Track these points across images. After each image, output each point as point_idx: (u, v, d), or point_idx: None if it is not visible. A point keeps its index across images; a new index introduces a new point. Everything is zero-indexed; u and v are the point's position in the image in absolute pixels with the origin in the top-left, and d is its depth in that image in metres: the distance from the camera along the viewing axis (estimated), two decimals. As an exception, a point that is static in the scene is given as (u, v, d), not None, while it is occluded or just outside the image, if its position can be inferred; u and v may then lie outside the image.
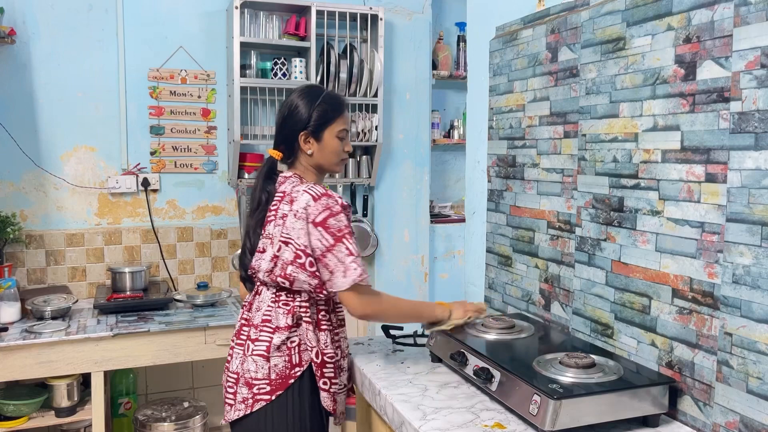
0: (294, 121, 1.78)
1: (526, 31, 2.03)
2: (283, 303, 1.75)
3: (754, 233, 1.29)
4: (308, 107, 1.77)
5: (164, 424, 2.89)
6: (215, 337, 2.76)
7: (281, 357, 1.72)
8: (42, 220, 3.10)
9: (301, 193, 1.70)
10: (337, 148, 1.81)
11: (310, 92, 1.81)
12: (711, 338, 1.39)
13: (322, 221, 1.67)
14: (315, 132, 1.77)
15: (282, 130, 1.81)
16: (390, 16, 3.61)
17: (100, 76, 3.15)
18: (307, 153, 1.79)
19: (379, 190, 3.71)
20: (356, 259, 1.67)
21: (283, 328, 1.73)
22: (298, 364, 1.73)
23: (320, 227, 1.67)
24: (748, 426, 1.31)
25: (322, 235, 1.66)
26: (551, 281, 1.93)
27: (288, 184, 1.77)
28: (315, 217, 1.67)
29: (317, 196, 1.68)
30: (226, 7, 3.32)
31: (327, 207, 1.68)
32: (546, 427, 1.32)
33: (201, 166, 3.35)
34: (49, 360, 2.54)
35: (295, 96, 1.81)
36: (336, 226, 1.67)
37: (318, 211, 1.67)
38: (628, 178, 1.62)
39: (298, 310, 1.74)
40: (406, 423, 1.50)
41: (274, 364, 1.72)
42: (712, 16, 1.38)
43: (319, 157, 1.80)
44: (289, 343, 1.73)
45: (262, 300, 1.79)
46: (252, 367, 1.73)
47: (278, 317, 1.74)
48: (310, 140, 1.78)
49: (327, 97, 1.81)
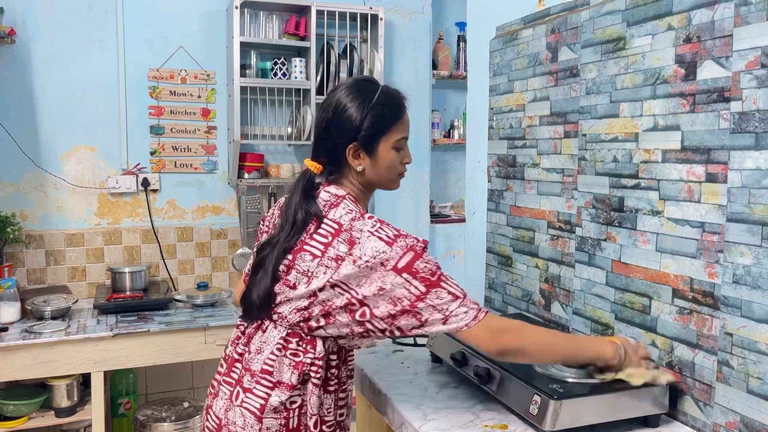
0: (341, 128, 1.42)
1: (526, 31, 2.03)
2: (291, 353, 1.39)
3: (754, 233, 1.29)
4: (360, 110, 1.41)
5: (164, 424, 2.89)
6: (215, 337, 2.76)
7: (277, 420, 1.38)
8: (42, 220, 3.10)
9: (366, 236, 1.33)
10: (394, 162, 1.46)
11: (362, 89, 1.44)
12: (711, 338, 1.39)
13: (407, 266, 1.30)
14: (367, 144, 1.42)
15: (324, 139, 1.45)
16: (390, 16, 3.61)
17: (100, 76, 3.15)
18: (356, 170, 1.44)
19: (379, 189, 3.70)
20: (464, 301, 1.32)
21: (285, 386, 1.38)
22: (295, 429, 1.40)
23: (405, 273, 1.30)
24: (748, 426, 1.31)
25: (410, 282, 1.30)
26: (551, 281, 1.93)
27: (342, 212, 1.39)
28: (397, 263, 1.30)
29: (391, 240, 1.32)
30: (226, 7, 3.32)
31: (410, 248, 1.32)
32: (546, 427, 1.32)
33: (201, 166, 3.35)
34: (49, 360, 2.54)
35: (343, 93, 1.44)
36: (427, 269, 1.31)
37: (398, 256, 1.31)
38: (628, 178, 1.62)
39: (308, 368, 1.39)
40: (406, 423, 1.49)
41: (266, 426, 1.38)
42: (712, 15, 1.38)
43: (371, 174, 1.46)
44: (289, 404, 1.39)
45: (266, 341, 1.42)
46: (239, 422, 1.39)
47: (282, 370, 1.39)
48: (361, 154, 1.43)
49: (383, 97, 1.44)
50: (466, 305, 1.32)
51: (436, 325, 1.32)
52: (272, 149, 3.48)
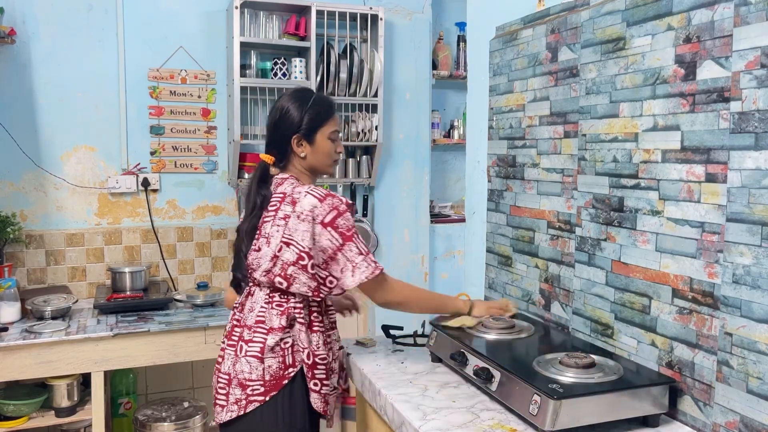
0: (286, 124, 1.79)
1: (526, 31, 2.03)
2: (276, 304, 1.75)
3: (754, 233, 1.29)
4: (300, 110, 1.79)
5: (164, 424, 2.89)
6: (215, 337, 2.76)
7: (275, 358, 1.72)
8: (42, 220, 3.10)
9: (303, 195, 1.71)
10: (329, 149, 1.83)
11: (300, 95, 1.83)
12: (711, 338, 1.39)
13: (332, 221, 1.68)
14: (307, 135, 1.79)
15: (274, 134, 1.82)
16: (390, 16, 3.61)
17: (100, 76, 3.15)
18: (300, 156, 1.80)
19: (379, 190, 3.71)
20: (366, 258, 1.69)
21: (277, 329, 1.73)
22: (291, 365, 1.73)
23: (330, 227, 1.68)
24: (748, 426, 1.31)
25: (332, 234, 1.68)
26: (551, 281, 1.93)
27: (287, 185, 1.77)
28: (323, 218, 1.68)
29: (322, 197, 1.70)
30: (226, 7, 3.32)
31: (334, 207, 1.70)
32: (546, 427, 1.32)
33: (201, 166, 3.35)
34: (49, 360, 2.54)
35: (284, 100, 1.82)
36: (345, 226, 1.69)
37: (326, 212, 1.69)
38: (628, 178, 1.62)
39: (293, 311, 1.74)
40: (406, 423, 1.50)
41: (268, 365, 1.72)
42: (712, 16, 1.38)
43: (312, 160, 1.82)
44: (283, 344, 1.73)
45: (255, 301, 1.78)
46: (246, 368, 1.73)
47: (272, 318, 1.74)
48: (303, 143, 1.80)
49: (318, 99, 1.83)
50: (367, 261, 1.69)
51: (347, 273, 1.69)
52: (272, 149, 3.48)
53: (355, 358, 1.92)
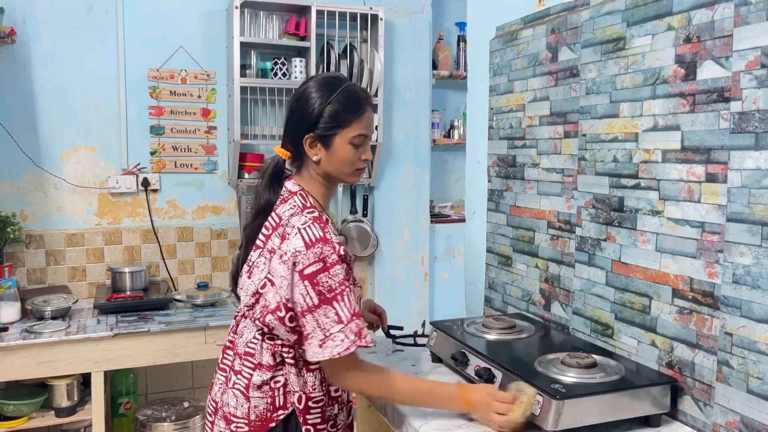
0: (301, 118, 1.46)
1: (526, 31, 2.03)
2: (268, 337, 1.48)
3: (754, 233, 1.29)
4: (320, 103, 1.44)
5: (164, 424, 2.89)
6: (215, 337, 2.76)
7: (262, 398, 1.47)
8: (42, 220, 3.10)
9: (294, 233, 1.40)
10: (349, 156, 1.47)
11: (327, 83, 1.47)
12: (711, 338, 1.39)
13: (311, 275, 1.36)
14: (324, 136, 1.45)
15: (290, 127, 1.50)
16: (390, 16, 3.61)
17: (100, 76, 3.15)
18: (312, 159, 1.48)
19: (379, 190, 3.71)
20: (345, 328, 1.36)
21: (266, 367, 1.48)
22: (282, 406, 1.47)
23: (307, 281, 1.36)
24: (748, 426, 1.31)
25: (307, 291, 1.36)
26: (551, 281, 1.93)
27: (287, 208, 1.48)
28: (304, 268, 1.37)
29: (311, 242, 1.37)
30: (226, 7, 3.32)
31: (320, 258, 1.36)
32: (549, 427, 1.32)
33: (201, 166, 3.35)
34: (49, 360, 2.54)
35: (310, 84, 1.48)
36: (326, 284, 1.36)
37: (308, 262, 1.36)
38: (628, 178, 1.62)
39: (281, 350, 1.48)
40: (406, 423, 1.50)
41: (254, 404, 1.48)
42: (712, 15, 1.38)
43: (327, 166, 1.48)
44: (273, 384, 1.48)
45: (246, 326, 1.53)
46: (232, 402, 1.50)
47: (262, 353, 1.48)
48: (317, 145, 1.47)
49: (345, 92, 1.46)
50: (345, 333, 1.36)
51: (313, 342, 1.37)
52: (272, 149, 3.47)
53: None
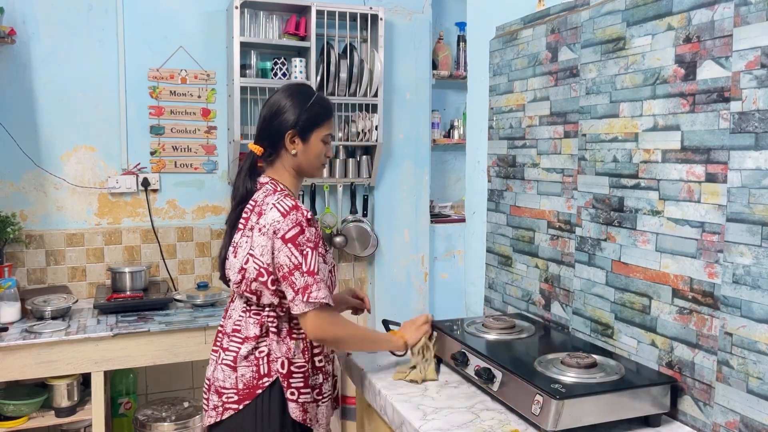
0: (283, 118, 1.74)
1: (526, 31, 2.03)
2: (253, 312, 1.73)
3: (754, 233, 1.29)
4: (300, 106, 1.75)
5: (164, 424, 2.89)
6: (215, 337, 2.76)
7: (248, 367, 1.70)
8: (42, 220, 3.10)
9: (269, 208, 1.66)
10: (320, 151, 1.79)
11: (301, 91, 1.79)
12: (711, 338, 1.39)
13: (293, 237, 1.63)
14: (303, 132, 1.75)
15: (268, 127, 1.77)
16: (390, 16, 3.61)
17: (100, 76, 3.15)
18: (291, 153, 1.76)
19: (379, 190, 3.71)
20: (319, 282, 1.62)
21: (251, 338, 1.71)
22: (266, 374, 1.69)
23: (290, 244, 1.62)
24: (748, 426, 1.31)
25: (291, 252, 1.62)
26: (551, 281, 1.93)
27: (261, 193, 1.74)
28: (285, 233, 1.63)
29: (286, 212, 1.64)
30: (226, 7, 3.32)
31: (297, 223, 1.64)
32: (548, 427, 1.33)
33: (201, 166, 3.35)
34: (49, 360, 2.54)
35: (284, 94, 1.78)
36: (305, 244, 1.63)
37: (288, 227, 1.63)
38: (628, 178, 1.62)
39: (266, 320, 1.71)
40: (406, 423, 1.50)
41: (241, 374, 1.70)
42: (712, 15, 1.38)
43: (302, 159, 1.77)
44: (257, 353, 1.70)
45: (234, 308, 1.78)
46: (220, 376, 1.73)
47: (248, 327, 1.72)
48: (296, 140, 1.75)
49: (319, 98, 1.80)
50: (318, 285, 1.62)
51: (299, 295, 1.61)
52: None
53: (355, 358, 1.92)
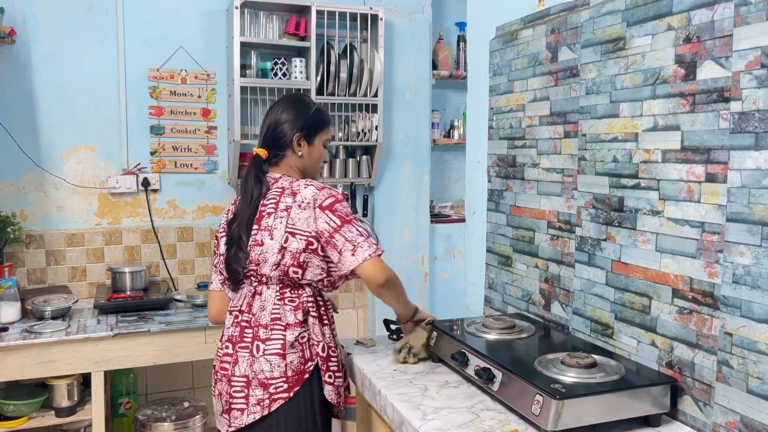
0: (291, 123, 1.87)
1: (526, 31, 2.03)
2: (288, 300, 1.79)
3: (754, 233, 1.29)
4: (305, 112, 1.90)
5: (164, 424, 2.89)
6: (215, 337, 2.76)
7: (296, 353, 1.76)
8: (42, 220, 3.10)
9: (303, 186, 1.79)
10: (322, 154, 1.96)
11: (304, 100, 1.96)
12: (711, 338, 1.39)
13: (329, 205, 1.76)
14: (309, 135, 1.90)
15: (274, 131, 1.89)
16: (390, 16, 3.61)
17: (100, 76, 3.15)
18: (297, 154, 1.89)
19: (379, 190, 3.71)
20: (368, 239, 1.76)
21: (294, 325, 1.76)
22: (310, 358, 1.78)
23: (327, 210, 1.75)
24: (748, 426, 1.31)
25: (329, 217, 1.74)
26: (551, 281, 1.93)
27: (284, 181, 1.84)
28: (322, 202, 1.76)
29: (321, 187, 1.80)
30: (226, 7, 3.32)
31: (332, 195, 1.79)
32: (548, 427, 1.32)
33: (201, 166, 3.35)
34: (49, 360, 2.54)
35: (288, 102, 1.92)
36: (343, 210, 1.77)
37: (324, 197, 1.77)
38: (628, 178, 1.62)
39: (306, 305, 1.79)
40: (406, 423, 1.50)
41: (290, 360, 1.75)
42: (712, 15, 1.38)
43: (307, 160, 1.91)
44: (301, 339, 1.77)
45: (266, 299, 1.80)
46: (266, 367, 1.74)
47: (287, 314, 1.77)
48: (302, 142, 1.89)
49: (320, 107, 1.97)
50: (368, 242, 1.75)
51: (347, 254, 1.72)
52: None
53: (355, 357, 1.92)
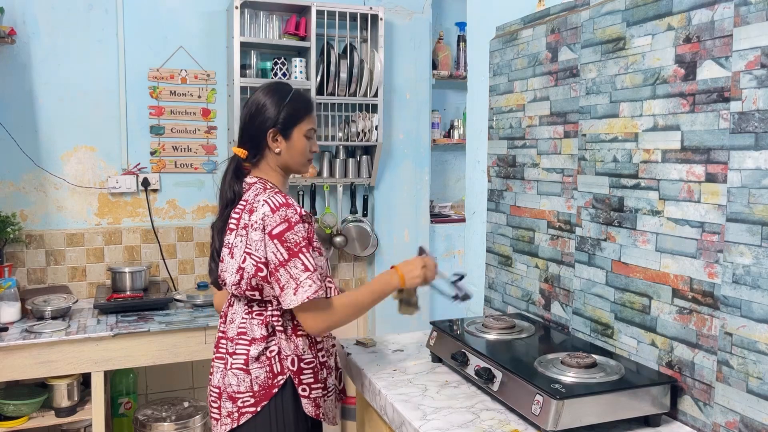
0: (263, 118, 1.73)
1: (526, 31, 2.03)
2: (256, 314, 1.71)
3: (754, 233, 1.29)
4: (278, 104, 1.73)
5: (164, 424, 2.89)
6: (215, 337, 2.76)
7: (261, 368, 1.69)
8: (42, 220, 3.10)
9: (261, 204, 1.65)
10: (304, 147, 1.77)
11: (278, 89, 1.77)
12: (711, 338, 1.39)
13: (279, 234, 1.61)
14: (284, 130, 1.74)
15: (249, 128, 1.76)
16: (390, 16, 3.61)
17: (100, 76, 3.15)
18: (274, 152, 1.75)
19: (379, 190, 3.71)
20: (312, 275, 1.61)
21: (259, 339, 1.69)
22: (280, 372, 1.69)
23: (276, 240, 1.61)
24: (748, 426, 1.31)
25: (277, 248, 1.61)
26: (551, 281, 1.93)
27: (251, 192, 1.72)
28: (272, 229, 1.62)
29: (275, 207, 1.63)
30: (226, 7, 3.32)
31: (285, 219, 1.63)
32: (548, 427, 1.32)
33: (201, 166, 3.35)
34: (49, 360, 2.54)
35: (261, 93, 1.76)
36: (293, 240, 1.62)
37: (275, 223, 1.62)
38: (628, 178, 1.62)
39: (271, 319, 1.70)
40: (406, 423, 1.50)
41: (255, 375, 1.69)
42: (712, 15, 1.38)
43: (286, 157, 1.76)
44: (268, 353, 1.69)
45: (235, 312, 1.75)
46: (233, 381, 1.70)
47: (253, 328, 1.71)
48: (278, 138, 1.74)
49: (296, 94, 1.78)
50: (311, 279, 1.60)
51: (288, 292, 1.60)
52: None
53: (355, 358, 1.92)
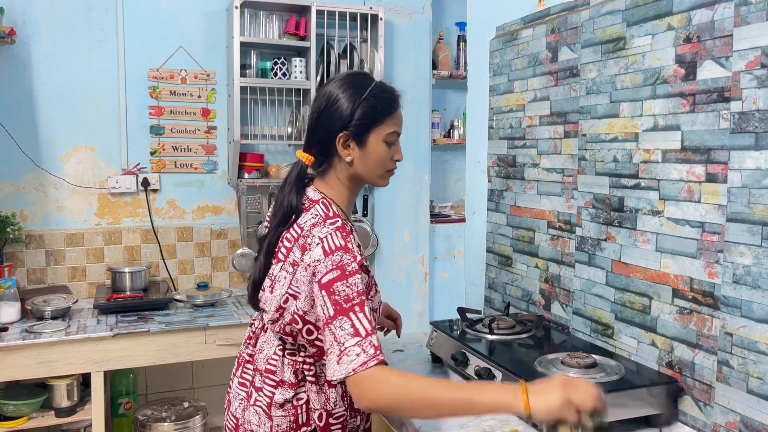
0: (333, 117, 1.41)
1: (526, 31, 2.03)
2: (289, 353, 1.46)
3: (754, 233, 1.29)
4: (352, 101, 1.40)
5: (164, 424, 2.89)
6: (215, 337, 2.76)
7: (285, 417, 1.44)
8: (42, 220, 3.10)
9: (316, 243, 1.34)
10: (383, 155, 1.43)
11: (354, 82, 1.44)
12: (711, 338, 1.39)
13: (328, 284, 1.29)
14: (358, 134, 1.41)
15: (316, 129, 1.45)
16: (390, 15, 3.60)
17: (100, 76, 3.15)
18: (345, 160, 1.43)
19: (379, 190, 3.70)
20: (362, 342, 1.24)
21: (288, 385, 1.45)
22: (305, 423, 1.45)
23: (324, 291, 1.30)
24: (748, 426, 1.31)
25: (324, 301, 1.29)
26: (551, 281, 1.93)
27: (309, 217, 1.41)
28: (322, 277, 1.31)
29: (331, 250, 1.32)
30: (226, 7, 3.32)
31: (338, 266, 1.30)
32: (548, 427, 1.32)
33: (201, 166, 3.35)
34: (49, 360, 2.54)
35: (335, 85, 1.44)
36: (343, 294, 1.28)
37: (326, 269, 1.30)
38: (628, 178, 1.62)
39: (301, 366, 1.45)
40: (406, 423, 1.49)
41: (276, 424, 1.44)
42: (712, 15, 1.38)
43: (360, 167, 1.43)
44: (295, 401, 1.45)
45: (267, 341, 1.50)
46: (254, 420, 1.47)
47: (284, 370, 1.46)
48: (350, 144, 1.42)
49: (377, 89, 1.43)
50: (361, 346, 1.23)
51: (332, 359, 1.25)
52: (272, 149, 3.48)
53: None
